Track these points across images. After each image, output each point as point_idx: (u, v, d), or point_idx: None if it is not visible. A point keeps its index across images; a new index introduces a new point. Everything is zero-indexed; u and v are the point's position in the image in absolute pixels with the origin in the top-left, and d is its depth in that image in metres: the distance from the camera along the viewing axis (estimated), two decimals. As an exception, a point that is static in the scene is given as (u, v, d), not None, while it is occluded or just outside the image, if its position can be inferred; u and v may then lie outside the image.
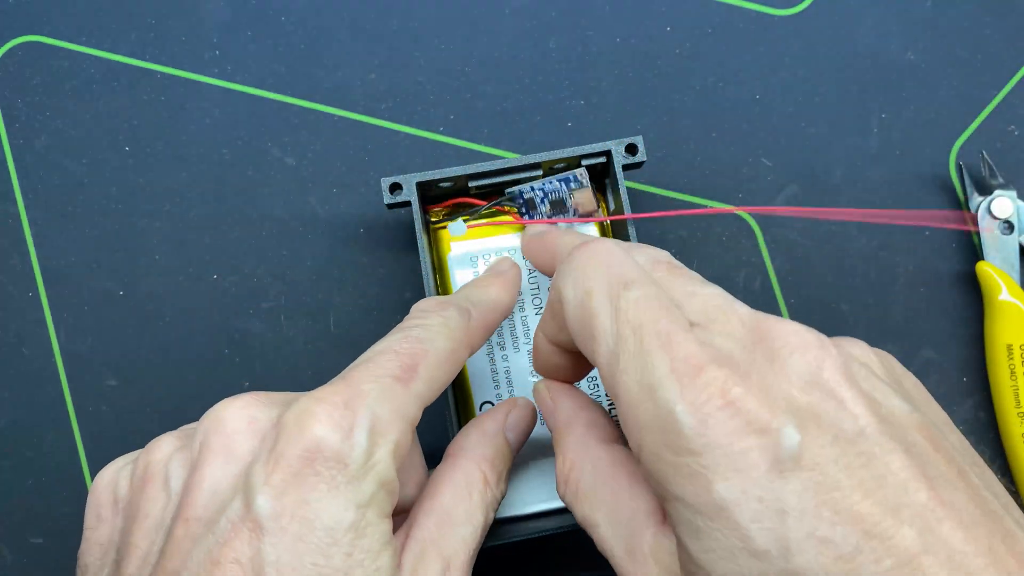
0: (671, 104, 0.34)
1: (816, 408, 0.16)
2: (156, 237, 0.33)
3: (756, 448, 0.16)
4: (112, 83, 0.34)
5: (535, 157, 0.28)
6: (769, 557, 0.15)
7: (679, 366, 0.17)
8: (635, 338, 0.18)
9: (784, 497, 0.15)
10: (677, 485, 0.17)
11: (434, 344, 0.22)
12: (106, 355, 0.32)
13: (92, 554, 0.21)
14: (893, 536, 0.15)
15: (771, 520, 0.16)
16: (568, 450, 0.22)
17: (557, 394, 0.24)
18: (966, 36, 0.35)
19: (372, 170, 0.34)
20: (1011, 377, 0.31)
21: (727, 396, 0.16)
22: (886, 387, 0.18)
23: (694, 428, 0.16)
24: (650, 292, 0.18)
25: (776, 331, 0.18)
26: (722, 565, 0.16)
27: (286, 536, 0.18)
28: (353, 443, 0.19)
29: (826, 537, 0.15)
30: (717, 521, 0.16)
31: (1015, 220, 0.32)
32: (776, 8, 0.35)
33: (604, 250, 0.20)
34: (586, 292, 0.19)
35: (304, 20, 0.35)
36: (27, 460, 0.32)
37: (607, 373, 0.19)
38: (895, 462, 0.16)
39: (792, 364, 0.17)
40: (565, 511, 0.28)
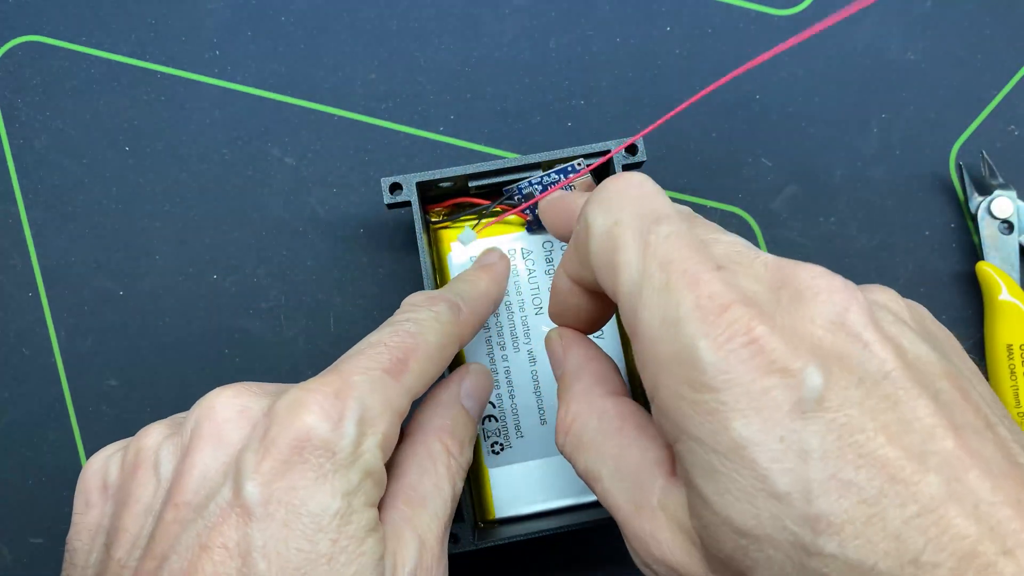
0: (671, 104, 0.34)
1: (841, 350, 0.16)
2: (156, 237, 0.33)
3: (778, 387, 0.15)
4: (112, 83, 0.34)
5: (535, 157, 0.28)
6: (789, 499, 0.15)
7: (704, 303, 0.16)
8: (661, 274, 0.17)
9: (806, 438, 0.15)
10: (694, 423, 0.16)
11: (425, 338, 0.22)
12: (106, 355, 0.32)
13: (80, 538, 0.21)
14: (918, 482, 0.15)
15: (792, 461, 0.15)
16: (573, 400, 0.22)
17: (569, 342, 0.23)
18: (966, 36, 0.35)
19: (372, 170, 0.34)
20: (1011, 377, 0.31)
21: (751, 334, 0.16)
22: (913, 334, 0.17)
23: (716, 364, 0.16)
24: (681, 229, 0.18)
25: (801, 274, 0.17)
26: (738, 508, 0.16)
27: (273, 522, 0.18)
28: (342, 433, 0.19)
29: (849, 480, 0.15)
30: (734, 461, 0.16)
31: (1015, 220, 0.32)
32: (776, 8, 0.35)
33: (637, 182, 0.20)
34: (615, 222, 0.19)
35: (304, 20, 0.35)
36: (27, 460, 0.32)
37: (627, 306, 0.18)
38: (921, 408, 0.15)
39: (817, 306, 0.17)
40: (565, 511, 0.28)
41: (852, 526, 0.15)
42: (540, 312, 0.29)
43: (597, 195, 0.20)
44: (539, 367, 0.29)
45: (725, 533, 0.16)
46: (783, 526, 0.15)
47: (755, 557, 0.16)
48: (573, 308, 0.23)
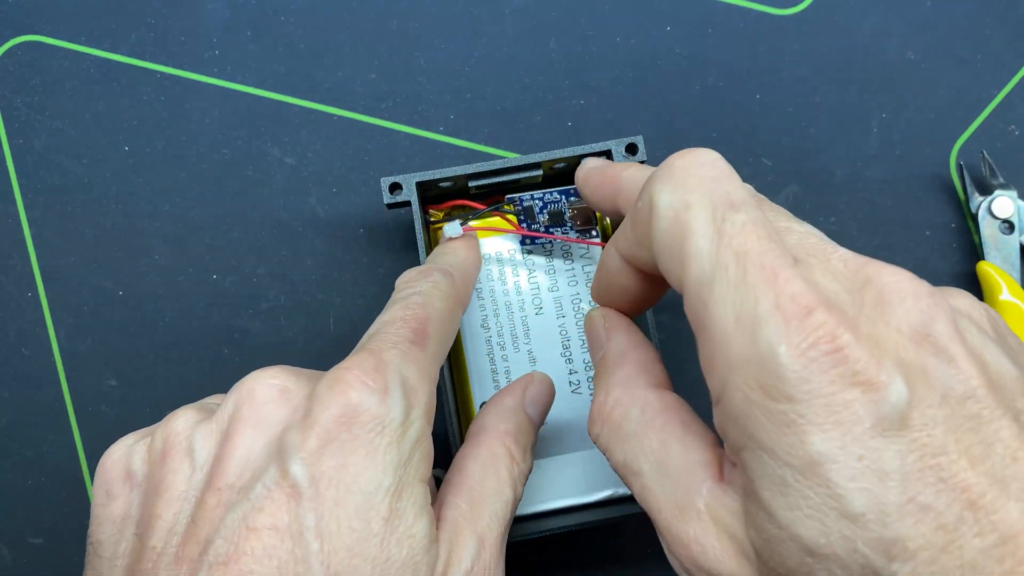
0: (671, 104, 0.34)
1: (925, 364, 0.15)
2: (156, 237, 0.33)
3: (860, 402, 0.15)
4: (112, 83, 0.34)
5: (535, 157, 0.28)
6: (864, 521, 0.14)
7: (785, 303, 0.15)
8: (737, 267, 0.16)
9: (887, 458, 0.14)
10: (767, 433, 0.15)
11: (434, 306, 0.23)
12: (106, 355, 0.32)
13: (105, 530, 0.20)
14: (998, 510, 0.14)
15: (870, 481, 0.14)
16: (614, 387, 0.21)
17: (612, 324, 0.22)
18: (966, 36, 0.35)
19: (372, 170, 0.34)
20: (1011, 377, 0.31)
21: (835, 342, 0.15)
22: (996, 347, 0.17)
23: (797, 373, 0.15)
24: (758, 218, 0.17)
25: (884, 275, 0.16)
26: (808, 525, 0.15)
27: (324, 501, 0.18)
28: (390, 405, 0.19)
29: (928, 504, 0.14)
30: (809, 477, 0.15)
31: (1015, 220, 0.32)
32: (776, 8, 0.35)
33: (710, 160, 0.18)
34: (685, 204, 0.17)
35: (304, 20, 0.35)
36: (27, 460, 0.32)
37: (696, 299, 0.17)
38: (1004, 429, 0.15)
39: (902, 313, 0.16)
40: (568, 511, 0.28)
41: (927, 552, 0.14)
42: (540, 312, 0.29)
43: (664, 172, 0.18)
44: (539, 367, 0.29)
45: (790, 549, 0.15)
46: (855, 548, 0.15)
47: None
48: (620, 289, 0.22)
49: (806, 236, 0.18)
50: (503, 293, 0.29)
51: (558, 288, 0.29)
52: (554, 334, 0.29)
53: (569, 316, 0.29)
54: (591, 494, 0.28)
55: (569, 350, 0.29)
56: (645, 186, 0.19)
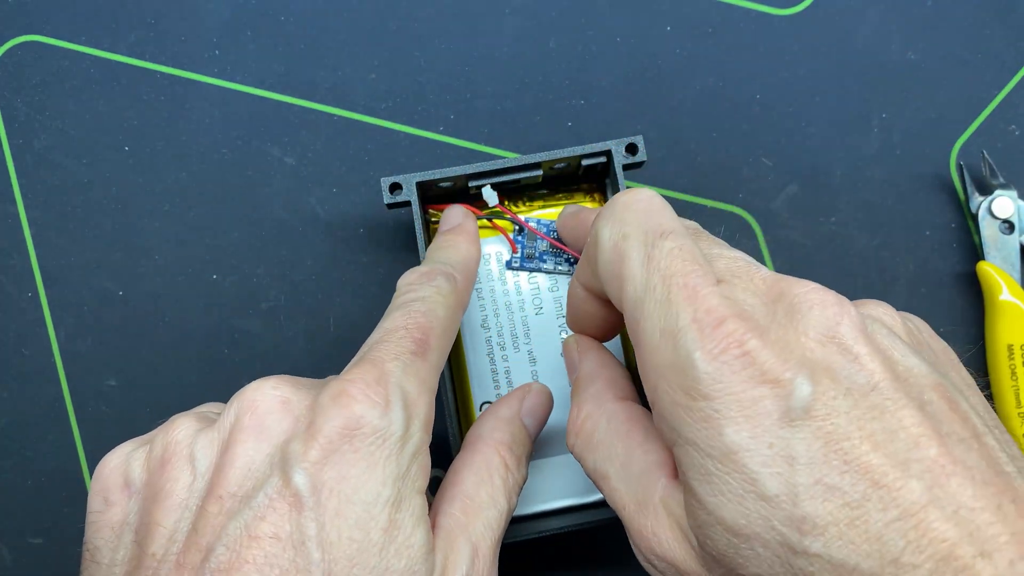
0: (671, 104, 0.34)
1: (830, 362, 0.17)
2: (156, 237, 0.33)
3: (768, 397, 0.16)
4: (112, 83, 0.34)
5: (535, 157, 0.28)
6: (777, 502, 0.16)
7: (701, 316, 0.17)
8: (663, 287, 0.18)
9: (793, 444, 0.16)
10: (690, 429, 0.17)
11: (436, 315, 0.23)
12: (106, 355, 0.32)
13: (102, 536, 0.21)
14: (900, 488, 0.15)
15: (780, 466, 0.16)
16: (585, 402, 0.23)
17: (584, 348, 0.25)
18: (966, 36, 0.35)
19: (372, 170, 0.34)
20: (1012, 377, 0.31)
21: (743, 347, 0.17)
22: (905, 346, 0.18)
23: (710, 374, 0.17)
24: (684, 244, 0.19)
25: (796, 288, 0.18)
26: (730, 508, 0.17)
27: (326, 511, 0.18)
28: (391, 418, 0.20)
29: (834, 485, 0.16)
30: (727, 464, 0.17)
31: (1015, 220, 0.32)
32: (776, 8, 0.35)
33: (645, 198, 0.21)
34: (622, 235, 0.20)
35: (304, 20, 0.35)
36: (27, 460, 0.32)
37: (631, 316, 0.19)
38: (907, 417, 0.16)
39: (810, 319, 0.17)
40: (567, 511, 0.28)
41: (836, 527, 0.15)
42: (540, 313, 0.29)
43: (606, 209, 0.21)
44: (539, 367, 0.29)
45: (718, 532, 0.17)
46: (771, 526, 0.16)
47: (745, 555, 0.17)
48: (587, 315, 0.24)
49: (734, 260, 0.20)
50: (503, 293, 0.29)
51: (558, 288, 0.29)
52: (554, 334, 0.29)
53: (569, 316, 0.29)
54: (590, 494, 0.28)
55: (569, 350, 0.29)
56: (593, 223, 0.21)
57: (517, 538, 0.27)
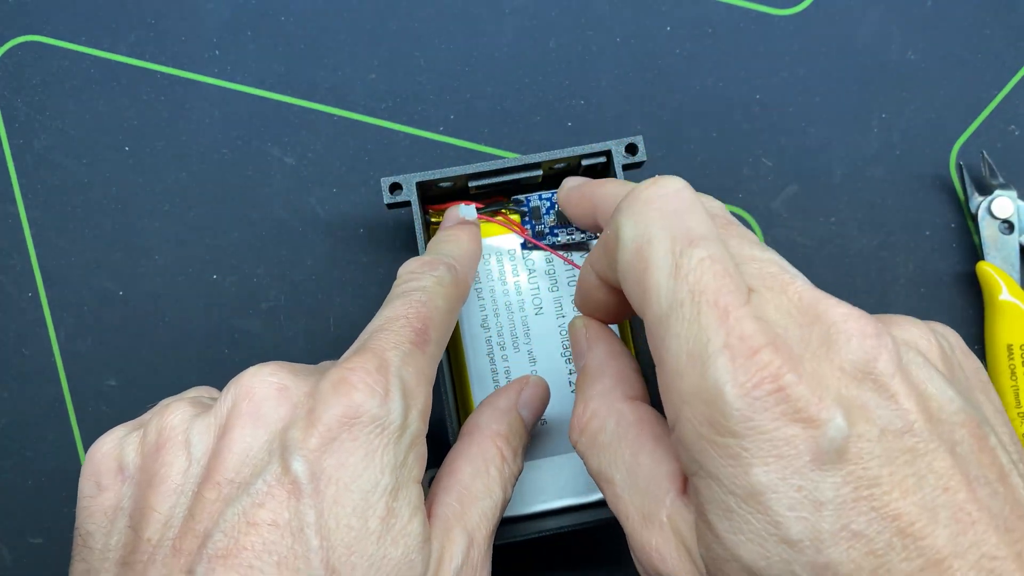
0: (671, 104, 0.34)
1: (866, 400, 0.16)
2: (156, 237, 0.33)
3: (801, 437, 0.16)
4: (112, 83, 0.34)
5: (535, 157, 0.28)
6: (801, 547, 0.15)
7: (734, 343, 0.16)
8: (692, 304, 0.17)
9: (823, 488, 0.15)
10: (714, 463, 0.16)
11: (436, 305, 0.23)
12: (106, 355, 0.32)
13: (95, 521, 0.21)
14: (926, 536, 0.15)
15: (807, 510, 0.15)
16: (592, 398, 0.22)
17: (594, 335, 0.23)
18: (966, 36, 0.35)
19: (372, 170, 0.34)
20: (1011, 377, 0.31)
21: (778, 382, 0.16)
22: (940, 379, 0.17)
23: (741, 410, 0.16)
24: (716, 253, 0.17)
25: (833, 313, 0.17)
26: (749, 548, 0.16)
27: (324, 498, 0.18)
28: (390, 408, 0.19)
29: (860, 531, 0.15)
30: (751, 504, 0.16)
31: (1015, 220, 0.32)
32: (776, 8, 0.35)
33: (674, 192, 0.19)
34: (647, 238, 0.18)
35: (304, 20, 0.35)
36: (27, 460, 0.32)
37: (654, 332, 0.18)
38: (938, 461, 0.16)
39: (847, 351, 0.16)
40: (567, 511, 0.28)
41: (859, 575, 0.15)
42: (540, 313, 0.29)
43: (630, 204, 0.19)
44: (539, 367, 0.29)
45: (733, 568, 0.17)
46: (791, 571, 0.16)
47: None
48: (598, 302, 0.23)
49: (767, 265, 0.18)
50: (503, 293, 0.29)
51: (558, 288, 0.29)
52: (554, 334, 0.29)
53: (569, 316, 0.29)
54: (590, 494, 0.28)
55: (569, 350, 0.29)
56: (613, 215, 0.20)
57: (517, 538, 0.27)
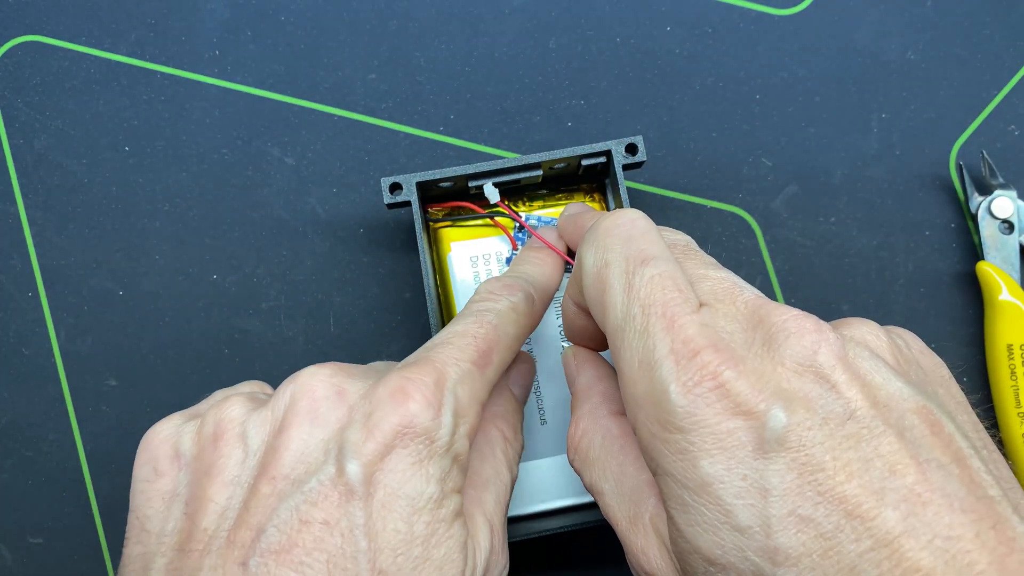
0: (671, 104, 0.34)
1: (807, 392, 0.17)
2: (156, 237, 0.33)
3: (742, 429, 0.17)
4: (112, 83, 0.34)
5: (535, 157, 0.28)
6: (751, 533, 0.16)
7: (677, 347, 0.17)
8: (642, 316, 0.18)
9: (767, 476, 0.16)
10: (667, 460, 0.18)
11: (505, 331, 0.23)
12: (106, 355, 0.32)
13: (153, 505, 0.21)
14: (875, 517, 0.15)
15: (753, 497, 0.16)
16: (581, 418, 0.23)
17: (581, 361, 0.25)
18: (966, 36, 0.35)
19: (372, 170, 0.34)
20: (1011, 377, 0.31)
21: (718, 379, 0.17)
22: (887, 370, 0.18)
23: (684, 407, 0.17)
24: (666, 270, 0.19)
25: (774, 316, 0.18)
26: (705, 538, 0.17)
27: (374, 502, 0.19)
28: (440, 422, 0.20)
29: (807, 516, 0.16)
30: (702, 496, 0.17)
31: (1015, 220, 0.32)
32: (776, 8, 0.35)
33: (628, 221, 0.20)
34: (604, 263, 0.20)
35: (304, 20, 0.35)
36: (27, 460, 0.32)
37: (612, 345, 0.19)
38: (884, 445, 0.16)
39: (787, 348, 0.17)
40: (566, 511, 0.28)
41: (809, 558, 0.16)
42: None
43: (590, 234, 0.21)
44: (539, 366, 0.29)
45: (696, 560, 0.18)
46: (745, 556, 0.16)
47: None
48: (580, 329, 0.24)
49: (719, 282, 0.20)
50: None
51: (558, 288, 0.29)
52: (554, 335, 0.29)
53: (569, 316, 0.29)
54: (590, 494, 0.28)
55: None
56: (579, 247, 0.21)
57: (517, 538, 0.27)
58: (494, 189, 0.28)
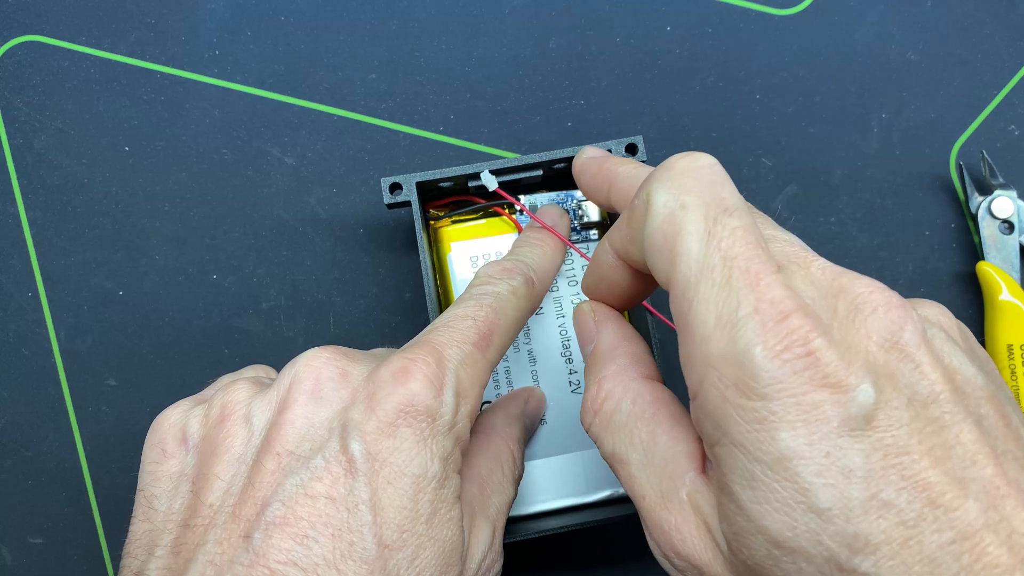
0: (671, 104, 0.34)
1: (893, 369, 0.16)
2: (156, 237, 0.33)
3: (829, 402, 0.15)
4: (112, 83, 0.34)
5: (535, 157, 0.28)
6: (829, 516, 0.15)
7: (765, 308, 0.16)
8: (723, 269, 0.17)
9: (851, 456, 0.15)
10: (739, 429, 0.16)
11: (505, 314, 0.23)
12: (106, 355, 0.32)
13: (160, 485, 0.21)
14: (957, 508, 0.15)
15: (835, 477, 0.15)
16: (606, 379, 0.21)
17: (603, 318, 0.23)
18: (966, 36, 0.35)
19: (372, 170, 0.34)
20: (1012, 377, 0.31)
21: (808, 346, 0.16)
22: (963, 354, 0.17)
23: (770, 373, 0.16)
24: (748, 223, 0.17)
25: (857, 286, 0.17)
26: (775, 519, 0.16)
27: (378, 478, 0.19)
28: (442, 401, 0.20)
29: (889, 501, 0.15)
30: (777, 471, 0.16)
31: (1015, 220, 0.32)
32: (776, 8, 0.35)
33: (708, 165, 0.19)
34: (680, 204, 0.18)
35: (304, 20, 0.35)
36: (27, 460, 0.32)
37: (681, 297, 0.17)
38: (965, 433, 0.16)
39: (873, 321, 0.16)
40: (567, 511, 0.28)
41: (889, 547, 0.15)
42: (540, 312, 0.29)
43: (664, 172, 0.19)
44: (539, 367, 0.29)
45: (758, 542, 0.16)
46: (819, 541, 0.15)
47: (785, 568, 0.16)
48: (611, 283, 0.22)
49: (789, 244, 0.18)
50: (503, 293, 0.29)
51: (558, 288, 0.29)
52: (554, 334, 0.29)
53: (569, 316, 0.29)
54: (591, 494, 0.28)
55: (569, 350, 0.29)
56: (643, 184, 0.19)
57: (517, 538, 0.27)
58: (491, 176, 0.28)
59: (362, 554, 0.19)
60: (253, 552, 0.18)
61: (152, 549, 0.20)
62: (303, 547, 0.18)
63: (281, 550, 0.18)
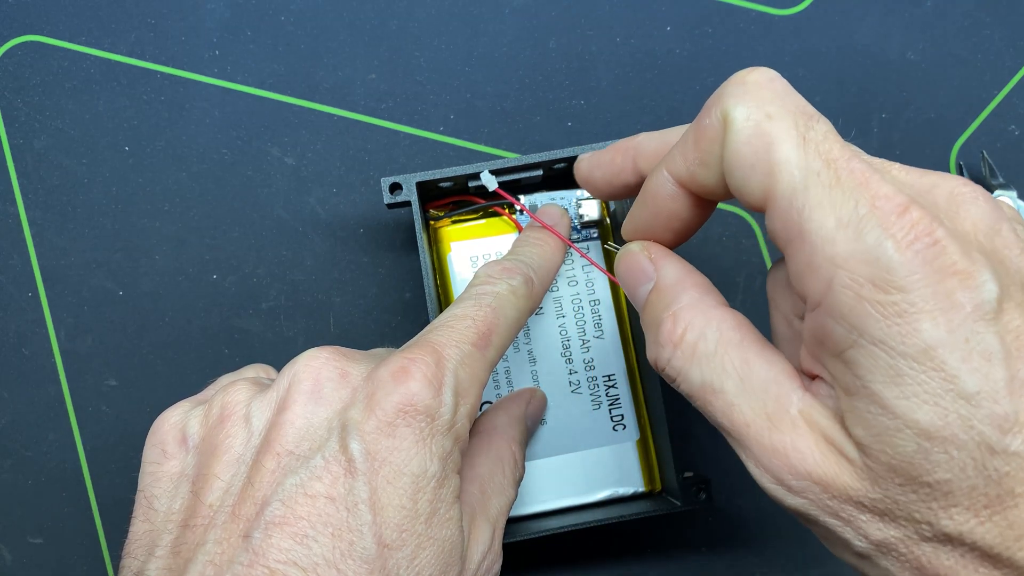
0: (671, 104, 0.34)
1: (1002, 256, 0.17)
2: (156, 237, 0.33)
3: (959, 289, 0.16)
4: (112, 83, 0.34)
5: (535, 157, 0.28)
6: (978, 399, 0.15)
7: (882, 203, 0.16)
8: (830, 171, 0.17)
9: (989, 340, 0.16)
10: (878, 326, 0.16)
11: (504, 313, 0.23)
12: (106, 355, 0.32)
13: (161, 486, 0.22)
14: None
15: (978, 361, 0.15)
16: (683, 311, 0.20)
17: (659, 254, 0.22)
18: (966, 36, 0.35)
19: (372, 170, 0.34)
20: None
21: (933, 235, 0.16)
22: None
23: (904, 264, 0.16)
24: (833, 128, 0.17)
25: (948, 180, 0.17)
26: (925, 410, 0.16)
27: (377, 477, 0.19)
28: (442, 401, 0.20)
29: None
30: (923, 362, 0.16)
31: (1015, 220, 0.32)
32: (776, 8, 0.35)
33: (777, 76, 0.19)
34: (766, 115, 0.18)
35: (304, 20, 0.35)
36: (27, 460, 0.32)
37: (789, 207, 0.17)
38: None
39: (975, 211, 0.17)
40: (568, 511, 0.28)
41: None
42: (540, 312, 0.29)
43: (736, 87, 0.18)
44: (539, 367, 0.29)
45: (906, 437, 0.16)
46: (971, 426, 0.15)
47: (936, 459, 0.16)
48: (667, 216, 0.21)
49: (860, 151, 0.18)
50: (503, 293, 0.29)
51: (558, 288, 0.29)
52: (554, 334, 0.29)
53: (569, 316, 0.29)
54: (591, 494, 0.28)
55: (569, 350, 0.29)
56: (713, 103, 0.19)
57: (517, 538, 0.27)
58: (491, 176, 0.28)
59: (362, 553, 0.19)
60: (253, 552, 0.19)
61: (152, 549, 0.20)
62: (303, 546, 0.18)
63: (281, 549, 0.18)
